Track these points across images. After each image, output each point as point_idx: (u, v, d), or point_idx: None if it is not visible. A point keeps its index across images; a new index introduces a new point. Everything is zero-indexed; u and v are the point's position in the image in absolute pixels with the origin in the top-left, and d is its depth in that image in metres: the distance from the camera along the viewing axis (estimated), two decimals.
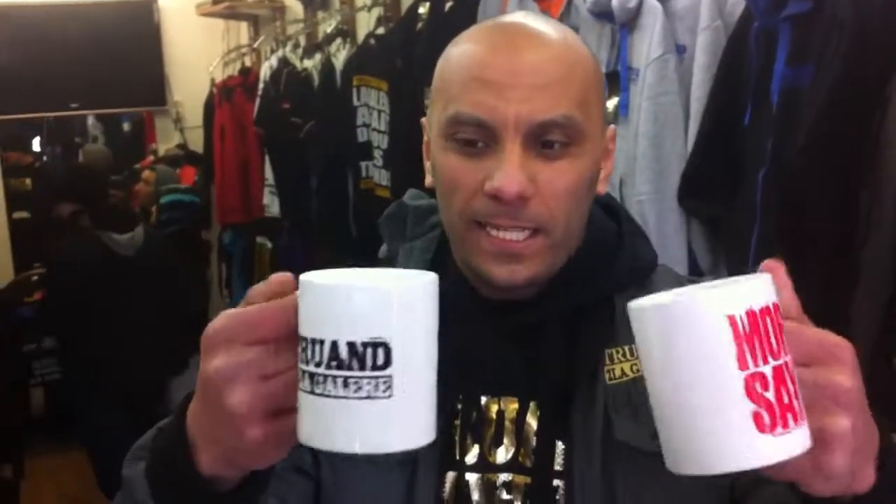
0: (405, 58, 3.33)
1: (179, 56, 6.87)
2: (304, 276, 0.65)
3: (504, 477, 0.99)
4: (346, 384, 0.61)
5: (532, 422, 0.99)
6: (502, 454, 1.00)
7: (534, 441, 0.99)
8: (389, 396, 0.62)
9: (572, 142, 0.91)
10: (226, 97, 5.92)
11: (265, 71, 5.09)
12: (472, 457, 1.00)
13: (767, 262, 0.69)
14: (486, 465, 0.99)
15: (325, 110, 4.10)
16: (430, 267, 1.03)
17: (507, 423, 1.00)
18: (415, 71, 3.18)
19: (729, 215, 2.19)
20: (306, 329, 0.63)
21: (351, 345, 0.61)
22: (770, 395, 0.61)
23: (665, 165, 2.33)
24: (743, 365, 0.61)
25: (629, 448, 0.95)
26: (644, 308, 0.65)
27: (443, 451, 0.99)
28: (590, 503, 0.95)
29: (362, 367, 0.61)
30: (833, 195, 1.86)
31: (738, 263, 2.12)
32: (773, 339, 0.62)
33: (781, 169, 1.93)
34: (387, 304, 0.62)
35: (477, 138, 0.91)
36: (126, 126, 8.49)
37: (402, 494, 0.98)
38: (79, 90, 6.68)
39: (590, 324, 0.99)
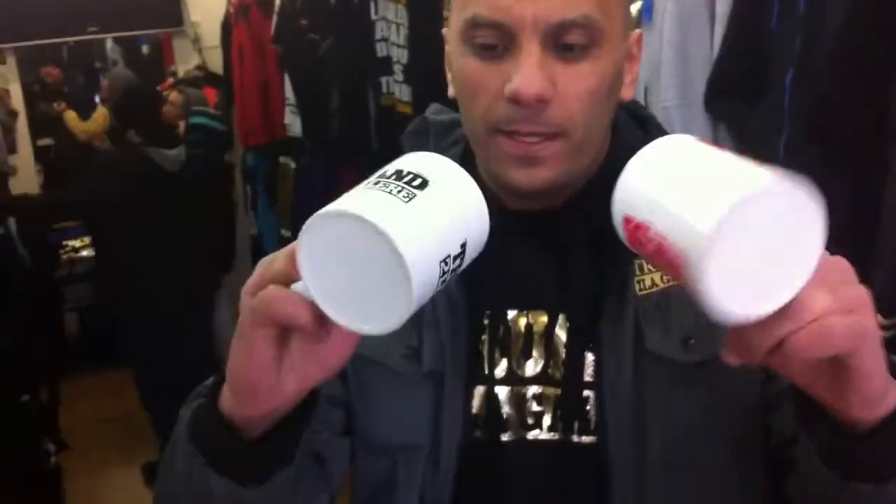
0: None
1: None
2: None
3: (534, 389, 0.99)
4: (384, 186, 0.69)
5: (561, 334, 0.99)
6: (531, 367, 1.00)
7: (563, 353, 0.99)
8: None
9: (592, 43, 0.89)
10: (242, 15, 5.83)
11: None
12: (500, 370, 1.00)
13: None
14: (515, 378, 1.00)
15: (343, 26, 4.04)
16: None
17: (535, 336, 1.00)
18: None
19: (756, 119, 2.15)
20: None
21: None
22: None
23: (691, 71, 2.28)
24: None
25: (659, 357, 0.95)
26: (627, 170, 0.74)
27: (470, 366, 0.99)
28: (620, 412, 0.95)
29: (399, 180, 0.70)
30: (863, 96, 1.82)
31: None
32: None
33: (810, 70, 1.89)
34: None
35: (495, 42, 0.89)
36: (145, 49, 8.45)
37: (431, 410, 0.99)
38: (96, 13, 6.63)
39: (617, 234, 0.98)
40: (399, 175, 0.70)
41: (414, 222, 0.66)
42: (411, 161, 0.73)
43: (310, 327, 0.70)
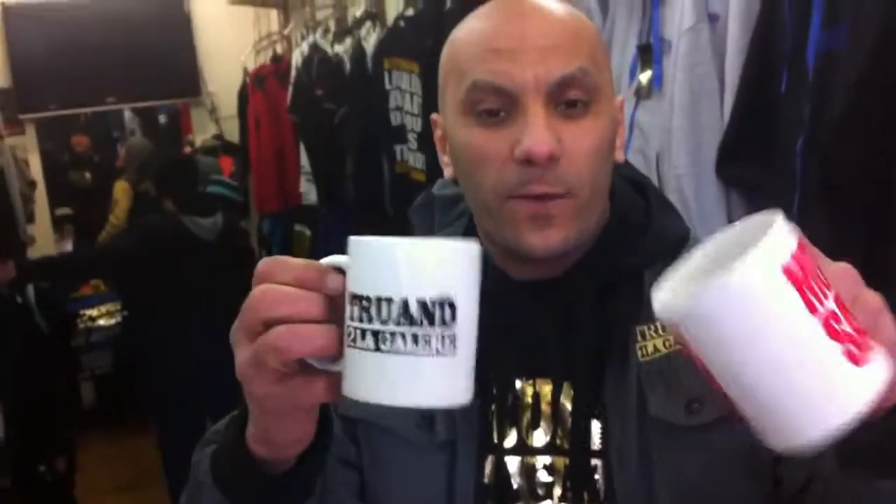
0: (435, 38, 3.31)
1: (211, 46, 6.91)
2: (362, 238, 0.67)
3: (543, 460, 0.99)
4: (415, 341, 0.64)
5: (566, 403, 0.99)
6: (540, 437, 1.00)
7: (570, 422, 0.99)
8: (454, 352, 0.65)
9: (591, 99, 0.92)
10: (259, 85, 5.93)
11: (297, 58, 5.09)
12: (510, 441, 1.00)
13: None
14: (524, 449, 1.00)
15: (358, 95, 4.09)
16: None
17: (543, 405, 1.00)
18: None
19: (767, 185, 2.16)
20: (369, 288, 0.65)
21: (422, 303, 0.64)
22: (846, 326, 0.60)
23: (702, 137, 2.30)
24: (813, 309, 0.59)
25: (664, 423, 0.95)
26: (695, 295, 0.60)
27: (481, 436, 0.99)
28: (628, 479, 0.95)
29: (432, 324, 0.64)
30: (873, 160, 1.83)
31: None
32: (819, 273, 0.60)
33: (820, 135, 1.90)
34: (454, 261, 0.66)
35: (498, 107, 0.91)
36: (162, 119, 8.56)
37: (443, 480, 0.99)
38: (115, 84, 6.75)
39: (619, 300, 0.99)
40: (428, 317, 0.65)
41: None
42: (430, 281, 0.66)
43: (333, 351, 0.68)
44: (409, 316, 0.64)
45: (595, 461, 0.97)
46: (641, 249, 1.00)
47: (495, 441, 1.00)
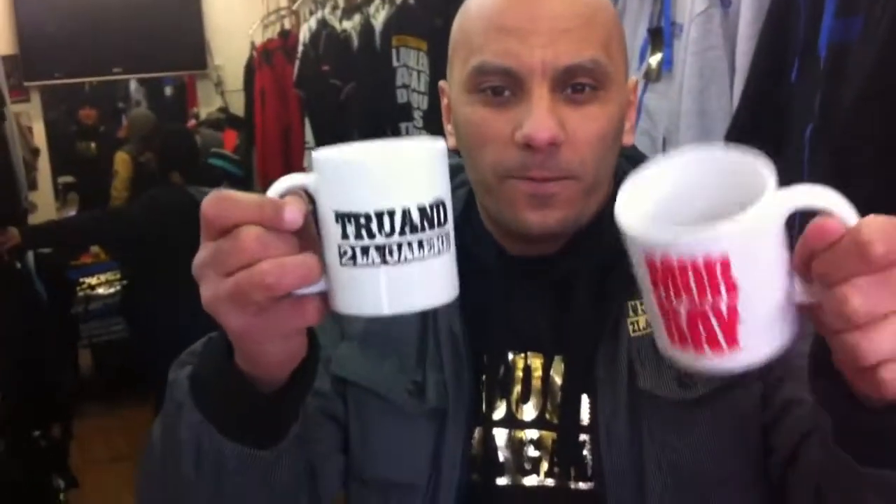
0: (444, 17, 3.30)
1: (220, 19, 6.90)
2: (340, 156, 0.67)
3: (531, 434, 0.99)
4: (421, 246, 0.65)
5: (556, 378, 1.00)
6: (530, 411, 1.00)
7: (559, 396, 0.99)
8: (449, 247, 0.68)
9: (600, 86, 0.90)
10: (266, 60, 5.92)
11: (304, 33, 5.08)
12: (499, 413, 1.00)
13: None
14: (513, 422, 1.00)
15: (365, 72, 4.08)
16: (458, 223, 1.03)
17: (533, 379, 1.00)
18: None
19: (775, 171, 2.14)
20: (362, 204, 0.64)
21: (422, 209, 0.65)
22: (683, 323, 0.65)
23: (710, 122, 2.29)
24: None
25: (653, 397, 0.95)
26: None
27: (471, 406, 0.99)
28: (616, 455, 0.95)
29: (432, 227, 0.66)
30: (882, 152, 1.82)
31: None
32: (693, 284, 0.62)
33: (829, 125, 1.89)
34: (438, 162, 0.68)
35: (503, 85, 0.90)
36: (168, 90, 8.56)
37: (430, 448, 0.99)
38: (121, 55, 6.75)
39: (614, 278, 0.98)
40: (429, 220, 0.66)
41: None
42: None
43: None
44: (412, 224, 0.64)
45: (584, 436, 0.97)
46: None
47: (484, 412, 1.00)
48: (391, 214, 0.64)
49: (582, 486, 0.97)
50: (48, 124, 6.95)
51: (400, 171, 0.65)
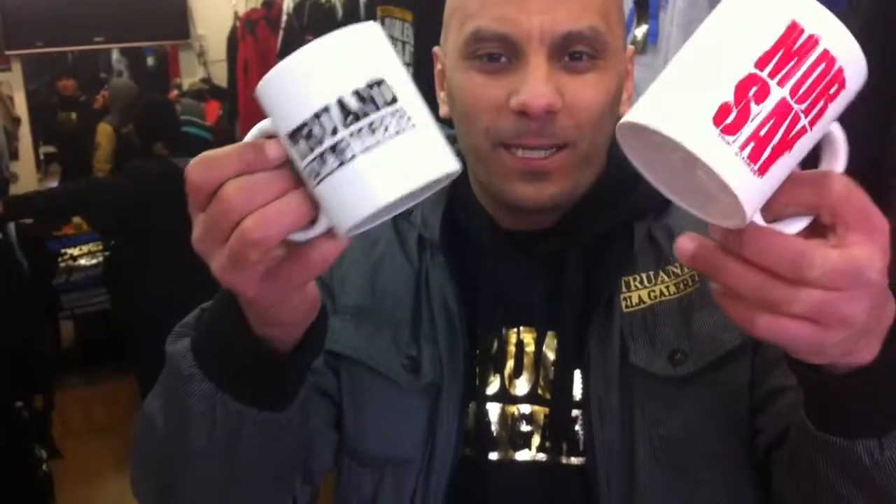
0: None
1: None
2: (265, 79, 0.64)
3: (524, 409, 0.99)
4: (372, 129, 0.61)
5: (549, 353, 0.99)
6: (522, 385, 1.00)
7: (552, 371, 0.99)
8: (414, 126, 0.62)
9: (598, 55, 0.89)
10: (249, 30, 5.87)
11: (288, 3, 5.04)
12: (492, 388, 1.00)
13: None
14: (506, 396, 1.00)
15: None
16: (448, 199, 1.03)
17: (525, 354, 1.00)
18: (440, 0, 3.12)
19: None
20: (300, 114, 0.61)
21: (356, 93, 0.61)
22: (755, 109, 0.56)
23: None
24: (761, 64, 0.56)
25: (645, 373, 0.95)
26: None
27: (465, 381, 0.99)
28: (608, 430, 0.95)
29: (377, 108, 0.61)
30: (865, 127, 1.82)
31: None
32: (808, 84, 0.56)
33: None
34: (361, 44, 0.62)
35: (500, 52, 0.88)
36: (150, 60, 8.49)
37: (424, 423, 0.99)
38: (102, 24, 6.69)
39: (608, 252, 0.98)
40: (372, 102, 0.62)
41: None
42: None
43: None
44: (351, 113, 0.60)
45: (575, 412, 0.97)
46: (634, 201, 0.98)
47: (478, 387, 1.00)
48: (327, 111, 0.60)
49: (574, 460, 0.97)
50: (29, 94, 6.89)
51: (319, 67, 0.61)
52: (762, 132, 0.55)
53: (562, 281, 0.98)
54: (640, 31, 2.37)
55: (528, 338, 1.00)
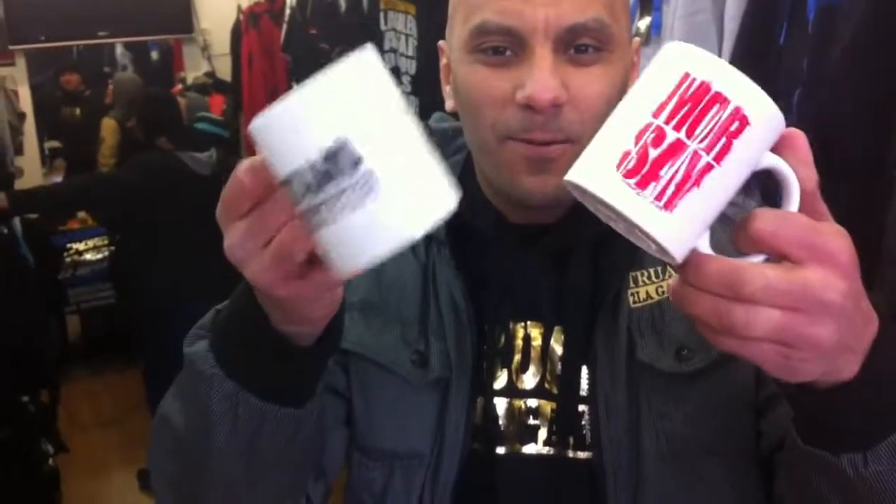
0: None
1: None
2: (253, 123, 0.61)
3: (531, 403, 0.99)
4: (339, 195, 0.58)
5: (556, 347, 0.99)
6: (529, 380, 1.00)
7: (559, 366, 0.99)
8: (380, 189, 0.58)
9: (604, 47, 0.88)
10: (253, 23, 5.88)
11: None
12: (500, 382, 1.00)
13: (789, 130, 0.65)
14: (513, 391, 1.00)
15: (353, 36, 4.05)
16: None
17: (532, 348, 1.00)
18: None
19: None
20: (281, 168, 0.60)
21: (324, 154, 0.58)
22: (652, 152, 0.61)
23: None
24: (657, 113, 0.61)
25: (651, 369, 0.95)
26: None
27: (474, 375, 0.99)
28: (614, 426, 0.95)
29: (343, 172, 0.58)
30: (868, 117, 1.82)
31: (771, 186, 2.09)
32: (703, 125, 0.60)
33: (817, 89, 1.88)
34: (339, 95, 0.60)
35: (505, 45, 0.88)
36: (154, 55, 8.50)
37: (433, 418, 0.99)
38: (107, 18, 6.69)
39: (615, 247, 0.97)
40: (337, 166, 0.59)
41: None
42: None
43: None
44: (320, 176, 0.58)
45: (582, 407, 0.97)
46: None
47: (486, 381, 1.00)
48: (299, 173, 0.59)
49: (580, 455, 0.97)
50: (34, 89, 6.89)
51: (292, 124, 0.59)
52: (661, 171, 0.60)
53: (569, 276, 0.98)
54: (643, 23, 2.36)
55: (536, 332, 1.00)
